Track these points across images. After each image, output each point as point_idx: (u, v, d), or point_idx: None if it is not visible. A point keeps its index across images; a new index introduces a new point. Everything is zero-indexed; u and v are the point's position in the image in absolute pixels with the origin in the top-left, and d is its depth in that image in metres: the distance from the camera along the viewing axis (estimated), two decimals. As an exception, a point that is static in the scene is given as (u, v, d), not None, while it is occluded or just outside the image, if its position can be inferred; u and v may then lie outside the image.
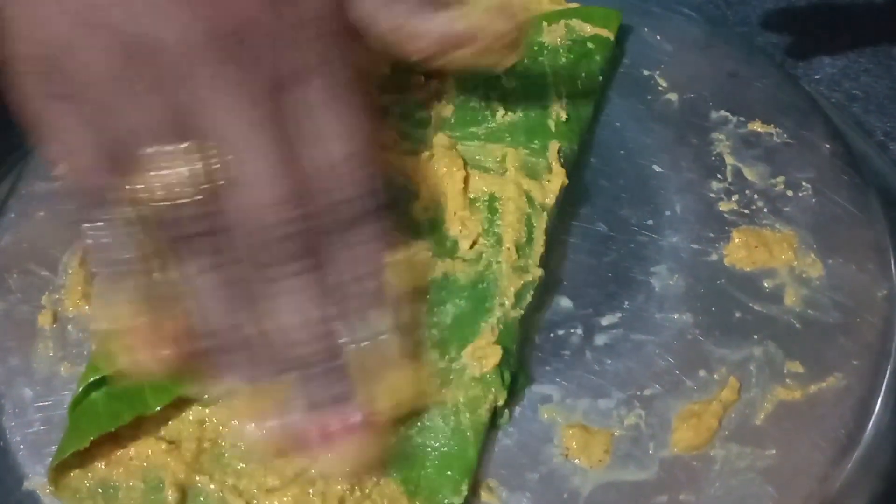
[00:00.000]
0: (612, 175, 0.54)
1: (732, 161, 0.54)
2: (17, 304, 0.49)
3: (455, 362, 0.44)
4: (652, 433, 0.44)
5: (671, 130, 0.56)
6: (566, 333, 0.48)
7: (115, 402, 0.43)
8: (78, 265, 0.50)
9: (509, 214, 0.47)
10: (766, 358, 0.47)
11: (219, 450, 0.43)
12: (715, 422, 0.44)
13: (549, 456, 0.44)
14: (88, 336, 0.48)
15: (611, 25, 0.58)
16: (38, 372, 0.47)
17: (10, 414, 0.46)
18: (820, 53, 0.72)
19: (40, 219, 0.53)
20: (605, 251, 0.51)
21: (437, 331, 0.44)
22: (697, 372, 0.46)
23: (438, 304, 0.45)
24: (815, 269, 0.50)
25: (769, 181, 0.53)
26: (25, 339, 0.48)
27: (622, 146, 0.55)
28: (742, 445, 0.44)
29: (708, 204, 0.52)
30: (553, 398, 0.46)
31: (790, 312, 0.48)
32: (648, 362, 0.47)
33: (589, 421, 0.45)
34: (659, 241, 0.51)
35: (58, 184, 0.41)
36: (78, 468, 0.43)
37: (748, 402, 0.45)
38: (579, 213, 0.52)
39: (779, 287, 0.49)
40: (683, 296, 0.49)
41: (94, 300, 0.48)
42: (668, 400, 0.45)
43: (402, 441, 0.42)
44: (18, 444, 0.45)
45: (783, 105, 0.57)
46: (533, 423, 0.45)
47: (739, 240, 0.50)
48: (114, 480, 0.42)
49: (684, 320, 0.48)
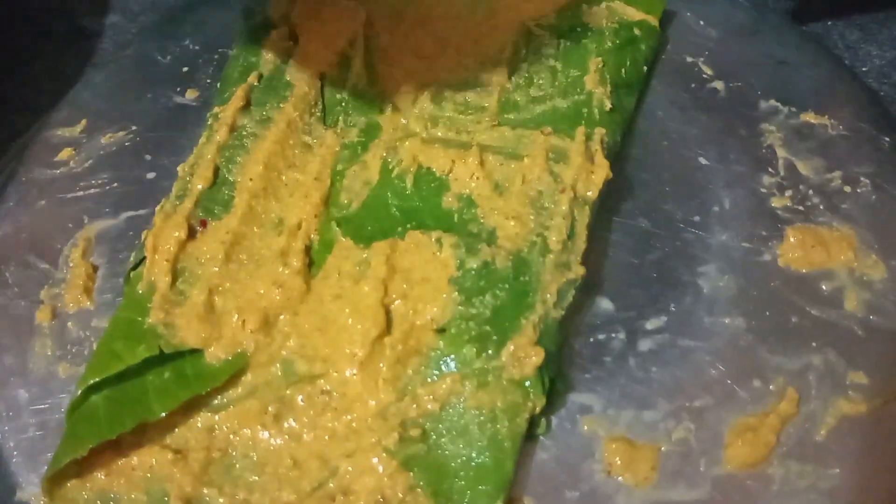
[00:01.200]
0: (654, 168, 0.50)
1: (784, 154, 0.51)
2: (13, 299, 0.46)
3: (493, 361, 0.40)
4: (703, 448, 0.41)
5: (717, 121, 0.52)
6: (607, 338, 0.44)
7: (116, 407, 0.40)
8: (80, 258, 0.47)
9: (556, 207, 0.44)
10: (827, 367, 0.43)
11: (229, 460, 0.40)
12: (772, 437, 0.41)
13: (590, 472, 0.40)
14: (89, 334, 0.45)
15: (654, 10, 0.54)
16: (34, 372, 0.44)
17: (3, 417, 0.43)
18: (867, 44, 0.68)
19: (41, 208, 0.50)
20: (649, 249, 0.47)
21: (475, 324, 0.41)
22: (751, 382, 0.42)
23: (477, 293, 0.42)
24: (877, 270, 0.46)
25: (825, 176, 0.50)
26: (22, 336, 0.45)
27: (665, 137, 0.52)
28: (802, 463, 0.40)
29: (759, 199, 0.49)
30: (594, 408, 0.42)
31: (851, 318, 0.44)
32: (698, 371, 0.43)
33: (633, 434, 0.41)
34: (707, 238, 0.47)
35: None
36: (75, 478, 0.39)
37: (808, 415, 0.41)
38: (620, 208, 0.49)
39: (838, 290, 0.45)
40: (735, 298, 0.45)
41: None
42: (719, 412, 0.42)
43: (432, 449, 0.39)
44: (11, 451, 0.42)
45: (837, 95, 0.54)
46: (572, 435, 0.41)
47: (795, 239, 0.47)
48: (114, 492, 0.39)
49: (736, 325, 0.44)
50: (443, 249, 0.43)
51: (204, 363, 0.41)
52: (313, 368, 0.41)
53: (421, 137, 0.48)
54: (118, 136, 0.53)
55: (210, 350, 0.41)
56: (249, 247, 0.44)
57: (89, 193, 0.50)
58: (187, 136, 0.52)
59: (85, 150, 0.52)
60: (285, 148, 0.47)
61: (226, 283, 0.43)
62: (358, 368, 0.41)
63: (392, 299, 0.42)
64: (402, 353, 0.41)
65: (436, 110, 0.49)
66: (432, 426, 0.40)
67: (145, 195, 0.49)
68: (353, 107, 0.50)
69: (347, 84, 0.50)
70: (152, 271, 0.43)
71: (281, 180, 0.47)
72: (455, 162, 0.46)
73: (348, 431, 0.40)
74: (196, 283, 0.43)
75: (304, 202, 0.46)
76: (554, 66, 0.51)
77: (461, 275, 0.42)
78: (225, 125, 0.48)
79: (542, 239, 0.43)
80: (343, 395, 0.41)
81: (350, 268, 0.43)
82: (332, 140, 0.48)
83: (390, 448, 0.39)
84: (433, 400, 0.40)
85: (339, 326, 0.42)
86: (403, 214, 0.45)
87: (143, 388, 0.40)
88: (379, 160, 0.47)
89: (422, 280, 0.42)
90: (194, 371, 0.41)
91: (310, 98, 0.49)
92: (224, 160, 0.47)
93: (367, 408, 0.40)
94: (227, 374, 0.41)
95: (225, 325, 0.42)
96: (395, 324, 0.41)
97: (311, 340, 0.42)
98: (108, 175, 0.51)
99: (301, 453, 0.40)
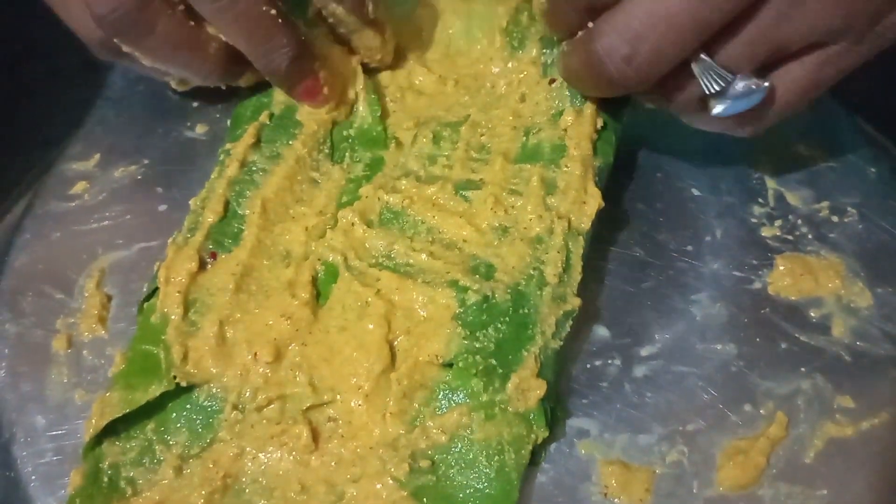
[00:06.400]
0: (648, 198, 0.52)
1: (774, 185, 0.52)
2: (30, 328, 0.48)
3: (499, 394, 0.42)
4: (696, 471, 0.42)
5: (709, 152, 0.54)
6: (603, 364, 0.46)
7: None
8: (94, 288, 0.49)
9: (551, 240, 0.45)
10: (815, 392, 0.44)
11: (239, 485, 0.41)
12: (762, 459, 0.42)
13: (587, 494, 0.42)
14: (104, 362, 0.46)
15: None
16: (51, 399, 0.45)
17: (22, 443, 0.44)
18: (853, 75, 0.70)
19: (56, 239, 0.51)
20: (643, 278, 0.49)
21: (481, 357, 0.42)
22: (742, 406, 0.44)
23: (480, 327, 0.43)
24: (863, 298, 0.48)
25: (813, 206, 0.51)
26: (39, 364, 0.46)
27: (658, 169, 0.53)
28: (791, 485, 0.42)
29: (750, 229, 0.50)
30: (590, 433, 0.43)
31: (838, 344, 0.46)
32: (690, 396, 0.44)
33: (629, 457, 0.43)
34: (699, 267, 0.49)
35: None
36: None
37: (797, 438, 0.43)
38: (615, 237, 0.50)
39: (826, 317, 0.47)
40: (726, 325, 0.47)
41: None
42: (711, 436, 0.43)
43: (441, 480, 0.40)
44: (30, 475, 0.43)
45: (825, 127, 0.55)
46: (569, 458, 0.43)
47: (784, 267, 0.48)
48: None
49: (727, 351, 0.46)
50: (442, 285, 0.44)
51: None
52: (320, 397, 0.42)
53: (416, 176, 0.49)
54: (131, 169, 0.54)
55: (224, 381, 0.43)
56: (259, 278, 0.46)
57: (103, 225, 0.52)
58: (198, 169, 0.53)
59: (98, 183, 0.54)
60: (293, 183, 0.49)
61: (236, 314, 0.44)
62: (363, 400, 0.42)
63: (396, 335, 0.43)
64: (408, 387, 0.42)
65: (434, 149, 0.50)
66: (441, 458, 0.41)
67: (157, 227, 0.51)
68: (359, 143, 0.51)
69: (354, 122, 0.52)
70: (165, 302, 0.44)
71: (289, 214, 0.48)
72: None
73: (354, 457, 0.41)
74: (207, 313, 0.44)
75: (310, 235, 0.47)
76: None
77: (463, 310, 0.43)
78: (236, 161, 0.49)
79: (539, 272, 0.44)
80: (349, 422, 0.42)
81: (352, 302, 0.44)
82: (339, 175, 0.50)
83: (401, 479, 0.40)
84: (442, 432, 0.41)
85: (343, 358, 0.43)
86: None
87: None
88: (375, 200, 0.48)
89: (425, 319, 0.43)
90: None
91: (318, 136, 0.50)
92: (234, 194, 0.48)
93: (371, 436, 0.41)
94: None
95: (237, 356, 0.43)
96: (399, 359, 0.43)
97: (319, 370, 0.43)
98: (121, 207, 0.53)
99: (308, 478, 0.41)
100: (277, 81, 0.51)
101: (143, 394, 0.42)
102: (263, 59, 0.49)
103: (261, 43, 0.48)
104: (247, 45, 0.48)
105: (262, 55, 0.48)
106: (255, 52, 0.48)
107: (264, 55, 0.48)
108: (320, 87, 0.51)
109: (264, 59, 0.49)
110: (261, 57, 0.49)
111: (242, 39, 0.48)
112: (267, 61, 0.49)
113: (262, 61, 0.49)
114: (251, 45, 0.48)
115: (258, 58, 0.49)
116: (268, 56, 0.48)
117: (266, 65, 0.49)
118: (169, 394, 0.42)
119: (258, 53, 0.48)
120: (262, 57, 0.49)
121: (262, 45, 0.48)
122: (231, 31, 0.47)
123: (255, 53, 0.48)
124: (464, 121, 0.51)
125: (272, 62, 0.49)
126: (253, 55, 0.49)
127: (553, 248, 0.45)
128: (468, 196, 0.47)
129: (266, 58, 0.48)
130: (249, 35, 0.47)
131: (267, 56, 0.48)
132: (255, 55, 0.49)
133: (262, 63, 0.49)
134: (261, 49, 0.48)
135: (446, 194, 0.47)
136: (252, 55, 0.49)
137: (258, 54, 0.48)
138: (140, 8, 0.45)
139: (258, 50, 0.48)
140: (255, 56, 0.49)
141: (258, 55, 0.48)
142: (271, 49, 0.48)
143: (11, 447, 0.44)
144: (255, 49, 0.48)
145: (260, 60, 0.49)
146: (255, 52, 0.48)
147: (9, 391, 0.46)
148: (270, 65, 0.49)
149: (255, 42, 0.48)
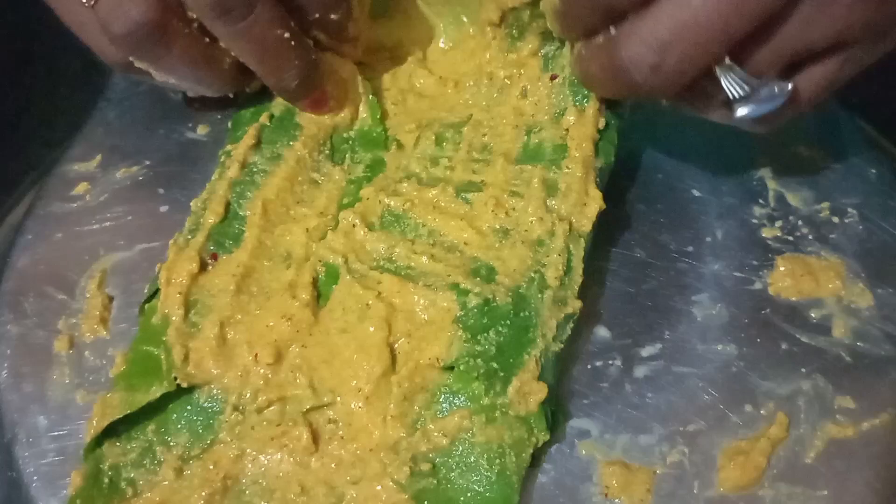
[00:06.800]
0: (649, 200, 0.52)
1: (775, 186, 0.52)
2: (32, 329, 0.48)
3: (500, 397, 0.42)
4: (696, 471, 0.42)
5: (710, 153, 0.54)
6: (604, 365, 0.46)
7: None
8: (96, 288, 0.49)
9: (553, 243, 0.45)
10: (816, 392, 0.44)
11: (239, 486, 0.41)
12: (763, 460, 0.42)
13: (587, 495, 0.42)
14: (106, 363, 0.46)
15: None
16: (52, 399, 0.45)
17: (24, 443, 0.44)
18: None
19: (58, 240, 0.52)
20: (644, 279, 0.49)
21: (482, 360, 0.42)
22: (743, 407, 0.44)
23: (481, 330, 0.43)
24: (863, 298, 0.48)
25: (813, 207, 0.51)
26: (40, 364, 0.46)
27: (659, 169, 0.53)
28: (792, 485, 0.42)
29: (750, 230, 0.50)
30: (591, 433, 0.44)
31: (839, 344, 0.46)
32: (691, 396, 0.44)
33: (629, 458, 0.43)
34: (700, 268, 0.49)
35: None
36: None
37: (797, 439, 0.43)
38: (616, 238, 0.50)
39: (826, 318, 0.47)
40: (727, 326, 0.47)
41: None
42: (712, 436, 0.43)
43: (442, 483, 0.40)
44: (31, 476, 0.43)
45: (826, 127, 0.55)
46: (570, 459, 0.43)
47: (784, 268, 0.48)
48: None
49: (728, 352, 0.46)
50: (443, 288, 0.44)
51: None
52: (321, 399, 0.42)
53: (417, 179, 0.49)
54: (132, 170, 0.54)
55: (225, 382, 0.43)
56: (259, 279, 0.46)
57: (104, 226, 0.52)
58: (199, 170, 0.53)
59: (100, 184, 0.54)
60: (294, 184, 0.49)
61: (237, 315, 0.44)
62: (364, 402, 0.42)
63: (396, 338, 0.43)
64: (409, 390, 0.42)
65: (437, 150, 0.50)
66: (442, 461, 0.41)
67: (158, 228, 0.51)
68: (359, 144, 0.51)
69: (354, 123, 0.52)
70: (166, 304, 0.44)
71: (289, 215, 0.48)
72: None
73: (354, 459, 0.41)
74: (208, 314, 0.44)
75: (310, 236, 0.47)
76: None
77: (464, 313, 0.43)
78: (236, 162, 0.49)
79: (540, 275, 0.44)
80: (349, 424, 0.42)
81: (353, 304, 0.44)
82: (340, 176, 0.50)
83: (402, 482, 0.40)
84: (443, 435, 0.41)
85: (344, 360, 0.43)
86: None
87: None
88: (376, 203, 0.48)
89: (426, 322, 0.43)
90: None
91: (319, 137, 0.51)
92: (235, 195, 0.48)
93: (372, 438, 0.41)
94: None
95: (238, 357, 0.43)
96: (400, 362, 0.43)
97: (319, 372, 0.43)
98: (123, 208, 0.53)
99: (308, 480, 0.41)
100: (287, 98, 0.51)
101: (144, 395, 0.42)
102: (274, 79, 0.49)
103: (273, 65, 0.48)
104: (259, 66, 0.48)
105: (274, 75, 0.49)
106: (267, 72, 0.49)
107: (276, 75, 0.49)
108: (327, 99, 0.51)
109: (275, 78, 0.49)
110: (272, 77, 0.49)
111: (255, 61, 0.48)
112: (277, 80, 0.49)
113: (273, 80, 0.49)
114: (263, 66, 0.48)
115: (269, 77, 0.49)
116: (278, 76, 0.49)
117: (276, 83, 0.49)
118: (169, 395, 0.42)
119: (270, 74, 0.49)
120: (273, 77, 0.49)
121: (275, 66, 0.48)
122: (244, 53, 0.48)
123: (266, 74, 0.49)
124: (466, 121, 0.51)
125: (282, 81, 0.49)
126: (264, 75, 0.49)
127: (554, 250, 0.45)
128: (469, 198, 0.47)
129: (277, 77, 0.49)
130: (262, 57, 0.48)
131: (278, 76, 0.49)
132: (267, 75, 0.49)
133: (273, 82, 0.49)
134: (273, 70, 0.48)
135: (447, 197, 0.47)
136: (264, 75, 0.49)
137: (270, 75, 0.49)
138: (157, 28, 0.45)
139: (270, 71, 0.49)
140: (266, 76, 0.49)
141: (270, 75, 0.49)
142: (283, 70, 0.48)
143: (13, 448, 0.44)
144: (267, 70, 0.49)
145: (271, 80, 0.49)
146: (266, 72, 0.49)
147: (11, 392, 0.46)
148: (281, 83, 0.49)
149: (268, 64, 0.48)
